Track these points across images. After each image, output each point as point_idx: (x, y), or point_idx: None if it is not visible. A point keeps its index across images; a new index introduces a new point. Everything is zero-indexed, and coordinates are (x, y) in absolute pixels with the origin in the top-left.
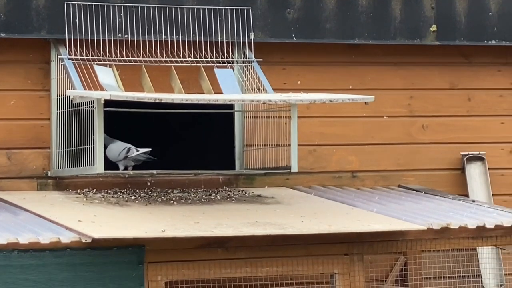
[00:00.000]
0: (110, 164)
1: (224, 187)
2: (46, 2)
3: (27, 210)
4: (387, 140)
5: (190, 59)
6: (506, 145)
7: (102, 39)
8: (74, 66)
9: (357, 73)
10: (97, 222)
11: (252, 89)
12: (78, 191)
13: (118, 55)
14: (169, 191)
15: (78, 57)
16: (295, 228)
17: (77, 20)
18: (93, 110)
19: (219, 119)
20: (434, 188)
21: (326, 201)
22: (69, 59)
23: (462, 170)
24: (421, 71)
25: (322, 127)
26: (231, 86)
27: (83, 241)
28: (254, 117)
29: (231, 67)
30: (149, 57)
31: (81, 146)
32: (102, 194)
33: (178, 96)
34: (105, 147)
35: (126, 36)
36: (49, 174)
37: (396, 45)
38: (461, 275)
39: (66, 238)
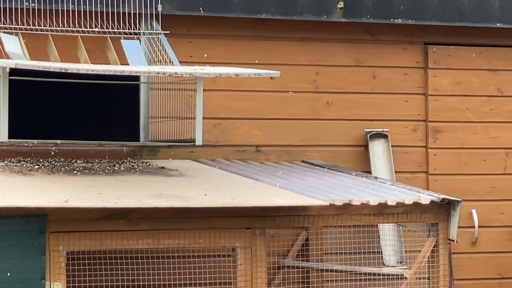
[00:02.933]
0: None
1: (128, 158)
2: None
3: None
4: (292, 115)
5: (97, 29)
6: (409, 123)
7: (9, 7)
8: None
9: (263, 48)
10: None
11: (158, 61)
12: None
13: (25, 23)
14: (73, 161)
15: None
16: (198, 201)
17: None
18: None
19: (125, 90)
20: (337, 164)
21: (230, 175)
22: None
23: (366, 147)
24: (327, 48)
25: (228, 101)
26: (138, 57)
27: None
28: (160, 89)
29: (138, 38)
30: (55, 27)
31: None
32: (6, 162)
33: (84, 67)
34: None
35: (33, 4)
36: None
37: (303, 20)
38: (362, 251)
39: None
